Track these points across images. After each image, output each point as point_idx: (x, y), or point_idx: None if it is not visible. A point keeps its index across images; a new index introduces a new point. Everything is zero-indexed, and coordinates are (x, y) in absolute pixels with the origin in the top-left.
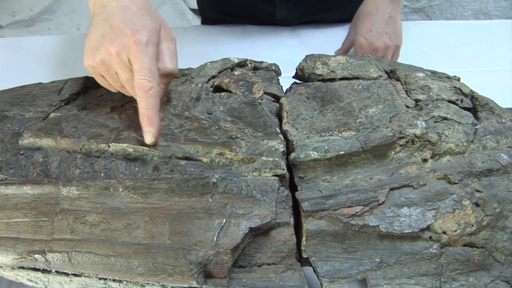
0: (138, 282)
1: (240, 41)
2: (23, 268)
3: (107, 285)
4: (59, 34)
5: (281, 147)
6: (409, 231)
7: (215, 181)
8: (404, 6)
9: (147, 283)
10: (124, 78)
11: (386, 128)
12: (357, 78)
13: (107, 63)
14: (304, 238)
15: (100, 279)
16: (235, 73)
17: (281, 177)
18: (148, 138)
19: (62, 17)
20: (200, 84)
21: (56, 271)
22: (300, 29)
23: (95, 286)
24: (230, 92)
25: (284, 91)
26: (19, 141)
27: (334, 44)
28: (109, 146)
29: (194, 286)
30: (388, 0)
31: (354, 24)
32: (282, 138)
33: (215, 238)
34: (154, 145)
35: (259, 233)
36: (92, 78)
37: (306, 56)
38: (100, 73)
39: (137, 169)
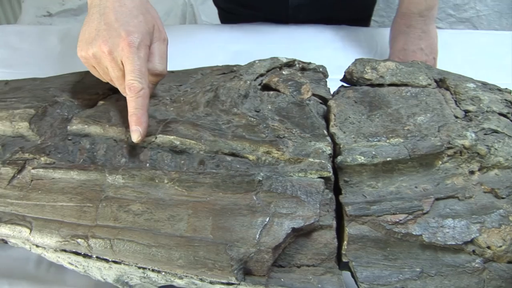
0: (176, 274)
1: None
2: (65, 251)
3: (146, 275)
4: None
5: (328, 150)
6: (453, 243)
7: (261, 179)
8: (450, 16)
9: (186, 276)
10: (114, 75)
11: (435, 137)
12: (406, 85)
13: (99, 58)
14: (345, 242)
15: (139, 268)
16: (284, 72)
17: (326, 179)
18: (135, 137)
19: None
20: (248, 82)
21: (96, 257)
22: (317, 29)
23: (133, 274)
24: (279, 91)
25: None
26: (68, 126)
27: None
28: (156, 137)
29: (233, 282)
30: (417, 15)
31: (389, 43)
32: (330, 140)
33: (258, 236)
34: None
35: (300, 234)
36: None
37: (356, 59)
38: (92, 64)
39: (182, 161)
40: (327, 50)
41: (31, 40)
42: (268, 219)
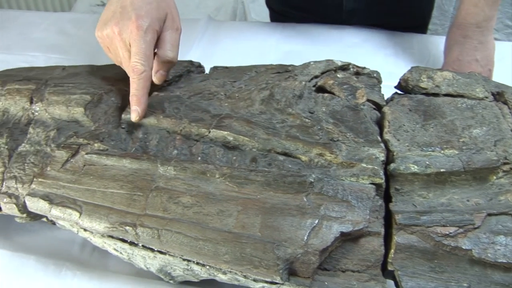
0: (221, 269)
1: (306, 41)
2: (112, 237)
3: (189, 267)
4: None
5: (382, 156)
6: (504, 261)
7: (312, 180)
8: (508, 27)
9: (230, 271)
10: (122, 56)
11: (491, 151)
12: (462, 96)
13: (111, 39)
14: (392, 250)
15: (184, 260)
16: (338, 75)
17: (377, 186)
18: (134, 116)
19: None
20: (303, 82)
21: (142, 246)
22: (370, 33)
23: (177, 266)
24: (333, 94)
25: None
26: (122, 115)
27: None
28: (209, 132)
29: (277, 281)
30: (474, 26)
31: (444, 53)
32: (383, 147)
33: (306, 238)
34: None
35: (348, 238)
36: (195, 62)
37: (412, 67)
38: (106, 45)
39: (234, 158)
40: (379, 55)
41: (85, 28)
42: (317, 221)
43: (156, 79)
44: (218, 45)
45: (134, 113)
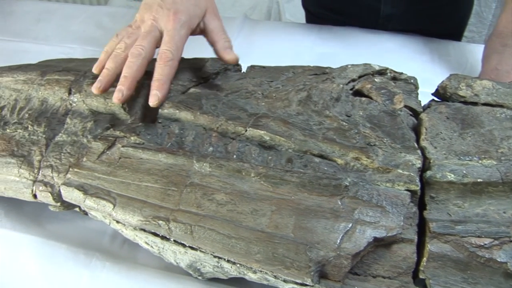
0: (251, 268)
1: (341, 43)
2: (144, 230)
3: (219, 264)
4: None
5: (418, 163)
6: None
7: (347, 184)
8: None
9: (260, 271)
10: (130, 43)
11: None
12: (501, 106)
13: (141, 22)
14: (425, 258)
15: (214, 257)
16: (376, 80)
17: (413, 193)
18: (153, 100)
19: None
20: (341, 85)
21: (174, 240)
22: (406, 38)
23: (207, 262)
24: (371, 98)
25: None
26: (159, 110)
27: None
28: (246, 130)
29: (307, 283)
30: None
31: (482, 61)
32: (420, 154)
33: (339, 241)
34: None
35: (381, 244)
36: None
37: (451, 75)
38: (131, 29)
39: (270, 157)
40: (415, 61)
41: (122, 22)
42: (351, 225)
43: (228, 56)
44: (253, 44)
45: (153, 97)
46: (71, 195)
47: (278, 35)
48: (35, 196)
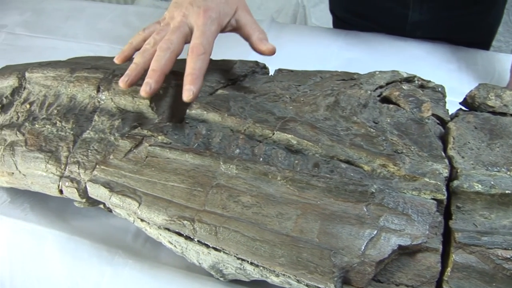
0: (274, 271)
1: (368, 49)
2: (168, 230)
3: (242, 266)
4: None
5: (445, 172)
6: None
7: (373, 191)
8: None
9: (283, 274)
10: (159, 39)
11: None
12: None
13: (170, 19)
14: (449, 269)
15: (238, 258)
16: (404, 87)
17: (439, 202)
18: (186, 95)
19: None
20: (369, 92)
21: (198, 241)
22: (433, 46)
23: (230, 264)
24: (398, 105)
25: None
26: (187, 110)
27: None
28: (273, 134)
29: None
30: None
31: (510, 71)
32: (447, 163)
33: (363, 248)
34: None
35: (405, 252)
36: (260, 63)
37: (479, 84)
38: (160, 26)
39: (296, 161)
40: (442, 69)
41: (149, 21)
42: (376, 232)
43: (268, 47)
44: (280, 48)
45: (187, 92)
46: (97, 192)
47: (305, 39)
48: (61, 191)
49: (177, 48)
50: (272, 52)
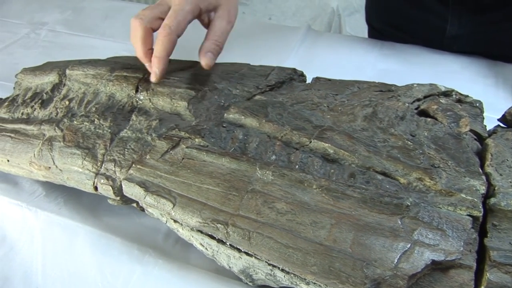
0: (305, 279)
1: (404, 61)
2: (201, 232)
3: (273, 272)
4: (252, 20)
5: (482, 189)
6: None
7: (409, 204)
8: None
9: (314, 283)
10: (148, 11)
11: None
12: None
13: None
14: (482, 287)
15: (269, 265)
16: (442, 101)
17: (474, 218)
18: (152, 77)
19: (258, 5)
20: (406, 104)
21: (230, 245)
22: (470, 60)
23: (260, 269)
24: (436, 119)
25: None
26: (225, 114)
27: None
28: (310, 142)
29: None
30: None
31: None
32: (485, 179)
33: (396, 260)
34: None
35: (438, 267)
36: (298, 71)
37: None
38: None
39: (332, 170)
40: (478, 84)
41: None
42: (409, 245)
43: (203, 60)
44: (316, 55)
45: (152, 74)
46: (132, 190)
47: (340, 48)
48: (96, 188)
49: (149, 22)
50: (205, 67)
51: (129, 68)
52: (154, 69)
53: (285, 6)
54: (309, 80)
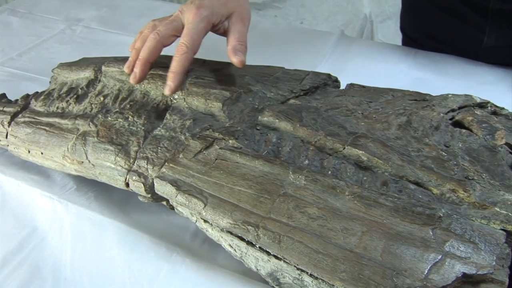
0: (333, 285)
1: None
2: (230, 233)
3: (300, 277)
4: (284, 23)
5: None
6: None
7: (441, 215)
8: None
9: None
10: (163, 24)
11: None
12: None
13: (174, 15)
14: None
15: (298, 269)
16: (477, 113)
17: (508, 233)
18: (166, 90)
19: (290, 8)
20: (441, 114)
21: (259, 247)
22: (506, 72)
23: (288, 273)
24: (471, 131)
25: None
26: (259, 117)
27: None
28: (344, 148)
29: None
30: None
31: None
32: None
33: (426, 271)
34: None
35: (468, 281)
36: (333, 76)
37: None
38: (165, 21)
39: (365, 178)
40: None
41: None
42: (440, 257)
43: (236, 58)
44: (349, 61)
45: (166, 87)
46: (163, 188)
47: (374, 55)
48: (127, 184)
49: (164, 39)
50: (238, 64)
51: (164, 67)
52: (169, 82)
53: (317, 11)
54: (343, 86)
